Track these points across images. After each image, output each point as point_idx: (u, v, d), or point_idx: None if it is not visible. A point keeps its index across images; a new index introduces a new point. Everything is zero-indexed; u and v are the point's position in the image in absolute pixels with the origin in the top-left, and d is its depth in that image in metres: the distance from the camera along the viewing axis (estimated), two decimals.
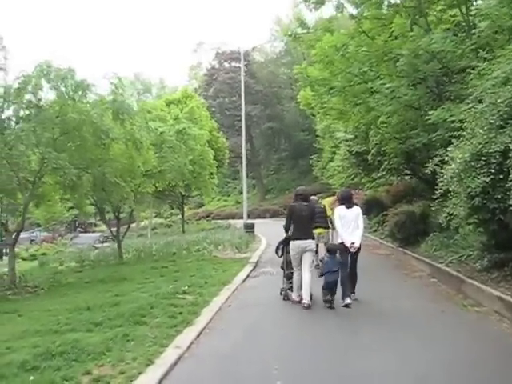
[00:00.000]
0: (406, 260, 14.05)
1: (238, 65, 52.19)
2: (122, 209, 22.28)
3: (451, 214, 9.10)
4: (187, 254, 18.46)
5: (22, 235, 42.49)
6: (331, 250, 9.15)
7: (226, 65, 59.50)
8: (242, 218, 29.22)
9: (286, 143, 61.21)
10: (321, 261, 9.52)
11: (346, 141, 21.72)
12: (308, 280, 8.92)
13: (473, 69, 10.11)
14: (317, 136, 38.19)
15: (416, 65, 12.36)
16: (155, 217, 50.47)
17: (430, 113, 11.20)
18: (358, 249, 9.11)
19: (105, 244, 30.01)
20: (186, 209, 49.05)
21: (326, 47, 13.66)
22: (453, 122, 10.34)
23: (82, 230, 51.33)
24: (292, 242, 9.13)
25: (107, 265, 18.95)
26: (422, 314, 8.23)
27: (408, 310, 8.46)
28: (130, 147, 15.48)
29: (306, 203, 9.33)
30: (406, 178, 21.24)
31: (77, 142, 13.79)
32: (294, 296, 9.28)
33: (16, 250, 34.09)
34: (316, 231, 11.63)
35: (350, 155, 21.43)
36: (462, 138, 8.69)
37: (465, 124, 8.83)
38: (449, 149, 8.84)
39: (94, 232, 46.38)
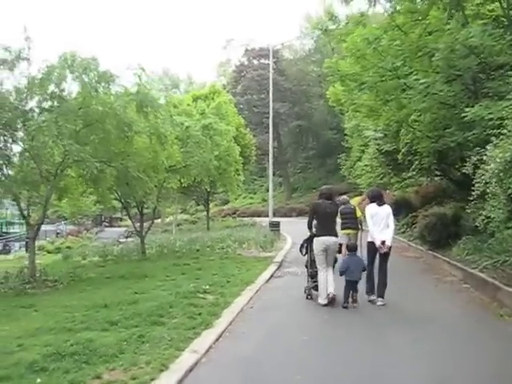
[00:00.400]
0: (437, 264, 13.51)
1: (266, 62, 51.71)
2: (147, 204, 22.13)
3: (488, 217, 8.57)
4: (210, 252, 18.15)
5: (50, 228, 43.13)
6: (351, 248, 9.34)
7: (255, 62, 59.04)
8: (267, 216, 28.90)
9: (313, 142, 60.63)
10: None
11: (376, 139, 21.15)
12: (332, 277, 8.92)
13: None
14: (345, 135, 37.50)
15: (452, 60, 11.78)
16: (181, 213, 50.46)
17: (466, 110, 10.61)
18: (389, 249, 8.95)
19: (129, 239, 29.89)
20: (211, 205, 48.99)
21: (358, 40, 13.07)
22: (491, 119, 9.85)
23: (107, 224, 51.59)
24: (316, 239, 9.07)
25: (130, 260, 18.73)
26: (455, 323, 7.71)
27: (439, 319, 7.93)
28: (153, 141, 15.12)
29: (330, 201, 9.27)
30: (436, 178, 20.72)
31: (100, 135, 13.42)
32: (320, 300, 8.96)
33: (42, 242, 34.64)
34: (345, 232, 12.19)
35: (379, 154, 20.87)
36: (502, 137, 8.18)
37: (505, 122, 8.33)
38: (488, 147, 8.32)
39: (119, 226, 46.53)
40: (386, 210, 9.10)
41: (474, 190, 8.91)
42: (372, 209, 9.13)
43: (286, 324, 7.86)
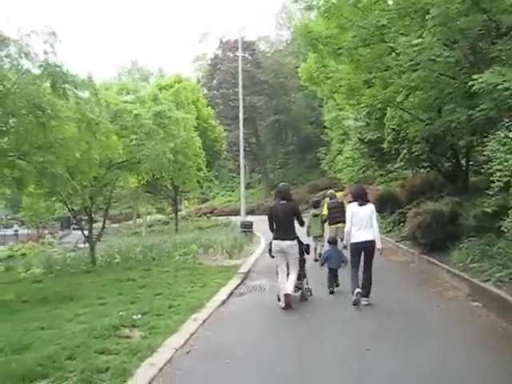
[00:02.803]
0: (433, 271, 11.14)
1: (242, 54, 49.62)
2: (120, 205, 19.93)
3: None
4: (167, 261, 15.81)
5: (10, 232, 40.38)
6: (331, 242, 10.07)
7: (230, 54, 57.19)
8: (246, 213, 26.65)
9: (293, 136, 59.63)
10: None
11: (357, 128, 18.86)
12: (292, 280, 8.67)
13: None
14: (324, 127, 35.61)
15: (452, 18, 9.25)
16: (157, 213, 48.25)
17: (474, 77, 8.08)
18: (373, 249, 8.57)
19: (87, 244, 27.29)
20: (188, 204, 46.65)
21: None
22: (507, 89, 7.54)
23: (76, 227, 48.60)
24: (272, 241, 8.99)
25: (74, 272, 16.21)
26: (479, 374, 5.20)
27: (455, 367, 5.40)
28: (83, 130, 12.20)
29: (283, 202, 8.90)
30: (423, 171, 18.85)
31: (15, 123, 10.56)
32: (280, 302, 8.56)
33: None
34: (334, 226, 12.95)
35: (362, 144, 18.63)
36: None
37: None
38: None
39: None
40: (368, 209, 8.67)
41: (493, 182, 6.50)
42: (353, 208, 8.75)
43: None
